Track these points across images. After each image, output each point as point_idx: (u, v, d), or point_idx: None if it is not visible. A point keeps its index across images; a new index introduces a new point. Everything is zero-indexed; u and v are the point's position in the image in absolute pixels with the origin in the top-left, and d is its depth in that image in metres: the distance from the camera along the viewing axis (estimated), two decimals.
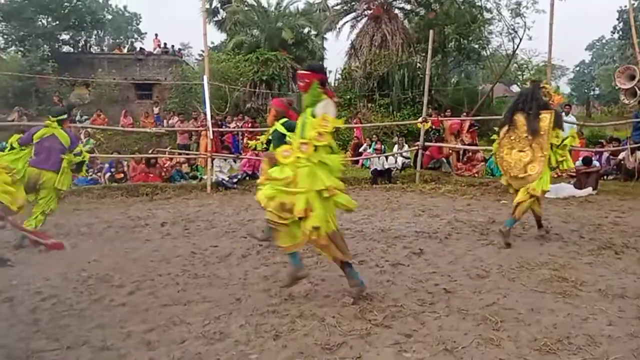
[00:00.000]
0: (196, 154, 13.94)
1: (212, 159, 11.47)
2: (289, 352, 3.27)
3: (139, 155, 13.05)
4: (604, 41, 58.91)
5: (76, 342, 3.44)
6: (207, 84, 11.44)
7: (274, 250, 5.82)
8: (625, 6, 17.56)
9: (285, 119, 5.77)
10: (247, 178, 11.97)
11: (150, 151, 13.78)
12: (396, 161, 13.24)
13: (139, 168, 12.29)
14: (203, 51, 14.13)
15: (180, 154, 13.95)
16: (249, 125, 16.40)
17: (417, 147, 12.47)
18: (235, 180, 11.52)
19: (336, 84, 24.02)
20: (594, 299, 4.07)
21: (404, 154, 13.69)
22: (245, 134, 15.64)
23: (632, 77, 11.72)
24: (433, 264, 5.22)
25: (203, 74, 11.98)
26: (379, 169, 12.25)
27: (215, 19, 30.22)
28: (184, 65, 27.07)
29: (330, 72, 30.54)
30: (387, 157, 12.85)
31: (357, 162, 14.91)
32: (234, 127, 15.88)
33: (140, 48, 30.06)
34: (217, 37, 34.02)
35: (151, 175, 12.07)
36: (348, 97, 21.93)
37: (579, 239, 6.14)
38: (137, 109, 23.27)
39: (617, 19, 43.54)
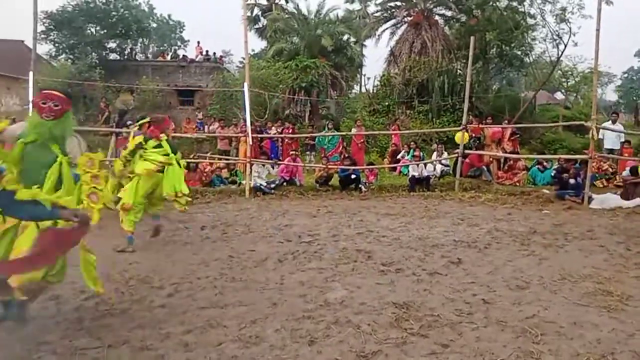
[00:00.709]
0: (235, 160, 14.15)
1: (251, 165, 11.62)
2: (324, 358, 3.28)
3: (181, 160, 13.32)
4: None
5: (117, 341, 3.54)
6: (247, 91, 11.61)
7: (311, 256, 5.85)
8: None
9: None
10: (285, 184, 12.07)
11: (191, 156, 14.07)
12: (435, 169, 13.07)
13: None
14: (244, 58, 14.38)
15: (220, 159, 14.19)
16: (290, 131, 16.54)
17: (456, 155, 12.28)
18: (272, 185, 11.63)
19: (375, 91, 23.97)
20: None
21: (443, 161, 13.50)
22: (285, 140, 15.79)
23: None
24: (472, 273, 5.13)
25: (243, 80, 12.16)
26: (417, 176, 12.12)
27: (256, 26, 30.73)
28: (225, 72, 27.60)
29: (369, 78, 30.55)
30: (425, 165, 12.71)
31: (394, 169, 14.80)
32: (274, 133, 16.06)
33: (183, 55, 30.81)
34: (257, 44, 34.57)
35: (192, 179, 12.32)
36: (387, 103, 21.84)
37: (625, 251, 5.92)
38: (179, 114, 23.83)
39: None
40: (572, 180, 10.16)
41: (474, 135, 13.20)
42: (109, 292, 4.33)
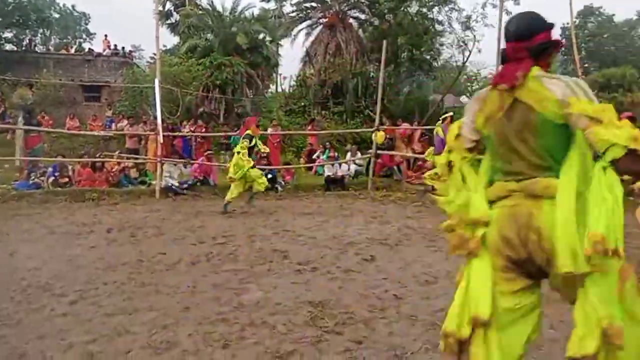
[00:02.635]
0: (145, 159, 13.60)
1: (162, 164, 11.22)
2: None
3: (85, 159, 12.62)
4: None
5: (12, 354, 3.26)
6: (158, 87, 11.20)
7: (225, 257, 5.74)
8: (568, 24, 18.48)
9: None
10: (198, 184, 11.78)
11: (97, 155, 13.33)
12: (349, 168, 13.37)
13: (84, 172, 11.88)
14: (155, 54, 13.84)
15: (128, 158, 13.56)
16: (203, 129, 16.15)
17: (369, 155, 12.62)
18: (185, 185, 11.31)
19: (291, 90, 24.06)
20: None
21: (357, 161, 13.83)
22: (198, 139, 15.40)
23: None
24: (384, 270, 5.27)
25: (154, 77, 11.73)
26: (332, 176, 12.33)
27: (168, 21, 29.70)
28: (135, 67, 26.40)
29: (285, 78, 30.60)
30: (340, 165, 12.95)
31: (310, 169, 14.94)
32: (187, 132, 15.60)
33: (89, 49, 29.18)
34: (169, 40, 33.45)
35: (97, 180, 11.69)
36: (302, 104, 22.00)
37: None
38: (85, 111, 22.51)
39: (560, 35, 45.73)
40: None
41: (387, 136, 13.64)
42: (3, 301, 3.99)
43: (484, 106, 2.14)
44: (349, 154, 14.44)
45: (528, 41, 2.04)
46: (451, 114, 10.05)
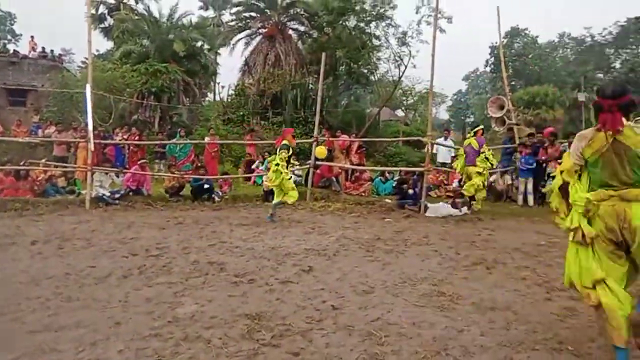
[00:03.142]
0: (74, 167, 12.99)
1: (92, 173, 10.75)
2: None
3: (7, 167, 11.89)
4: (478, 73, 64.79)
5: None
6: (89, 93, 10.75)
7: (159, 270, 5.56)
8: (497, 43, 19.50)
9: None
10: (131, 194, 11.37)
11: (21, 163, 12.59)
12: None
13: (7, 181, 11.18)
14: (87, 58, 13.30)
15: (56, 166, 12.90)
16: (137, 137, 15.65)
17: (308, 166, 12.68)
18: (117, 195, 10.88)
19: (229, 100, 23.83)
20: (468, 311, 4.36)
21: (296, 172, 13.85)
22: (131, 147, 14.90)
23: (502, 107, 12.94)
24: (321, 280, 5.29)
25: (86, 82, 11.25)
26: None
27: (102, 25, 28.73)
28: (65, 72, 25.28)
29: (223, 87, 30.24)
30: None
31: (249, 179, 14.80)
32: (120, 140, 15.05)
33: (14, 50, 27.62)
34: (103, 44, 32.37)
35: (21, 189, 11.04)
36: (241, 113, 21.86)
37: (455, 255, 6.57)
38: (9, 116, 21.25)
39: (489, 54, 48.17)
40: (410, 191, 11.06)
41: (327, 147, 13.78)
42: None
43: (592, 142, 3.22)
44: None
45: (619, 99, 3.15)
46: (482, 127, 10.47)
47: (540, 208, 11.15)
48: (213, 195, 11.63)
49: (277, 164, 8.84)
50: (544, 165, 11.71)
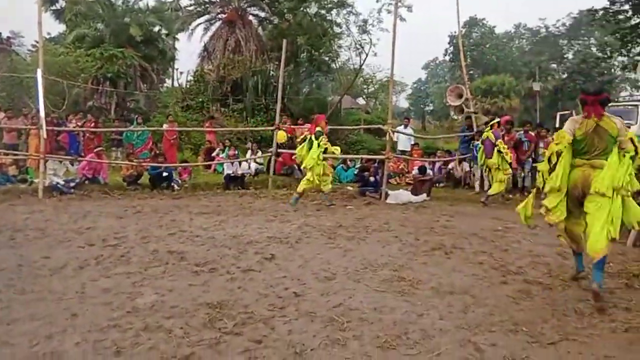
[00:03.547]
0: (26, 155, 12.50)
1: (45, 161, 10.38)
2: None
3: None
4: (437, 62, 65.72)
5: None
6: (41, 78, 10.33)
7: (117, 260, 5.44)
8: (456, 32, 19.80)
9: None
10: (87, 182, 11.04)
11: None
12: (249, 167, 13.25)
13: None
14: (37, 42, 12.76)
15: (6, 154, 12.38)
16: (92, 124, 15.16)
17: (270, 154, 12.61)
18: (72, 184, 10.54)
19: (188, 86, 23.36)
20: (428, 296, 4.46)
21: (258, 160, 13.76)
22: (87, 134, 14.44)
23: (460, 96, 13.19)
24: (284, 268, 5.29)
25: (37, 66, 10.80)
26: (232, 174, 12.14)
27: (53, 7, 27.60)
28: (14, 55, 24.19)
29: (182, 73, 29.62)
30: (240, 163, 12.79)
31: (209, 167, 14.61)
32: (74, 127, 14.54)
33: None
34: (55, 27, 31.14)
35: None
36: (200, 100, 21.45)
37: (415, 241, 6.69)
38: None
39: (449, 43, 48.93)
40: (371, 178, 11.16)
41: (288, 135, 13.75)
42: None
43: (581, 125, 4.49)
44: (249, 152, 14.32)
45: (599, 96, 4.49)
46: (498, 120, 10.49)
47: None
48: (172, 184, 11.42)
49: (319, 150, 9.21)
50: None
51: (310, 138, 9.47)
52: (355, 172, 12.62)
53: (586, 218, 4.47)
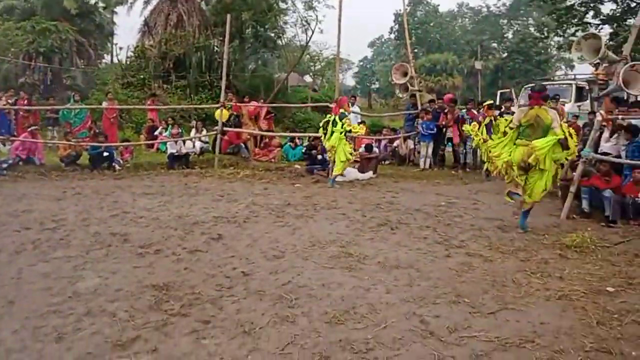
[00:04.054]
0: None
1: None
2: (75, 354, 2.98)
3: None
4: (383, 40, 66.11)
5: None
6: None
7: (56, 244, 5.22)
8: (400, 10, 19.95)
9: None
10: (20, 163, 10.49)
11: None
12: (194, 145, 12.95)
13: None
14: None
15: None
16: (25, 102, 14.33)
17: (215, 132, 12.38)
18: (5, 165, 9.97)
19: (128, 62, 22.46)
20: (374, 270, 4.55)
21: (203, 138, 13.47)
22: (21, 113, 13.66)
23: (405, 74, 13.33)
24: (231, 248, 5.25)
25: None
26: (176, 153, 11.85)
27: None
28: None
29: (121, 48, 28.39)
30: (184, 142, 12.49)
31: (152, 146, 14.20)
32: (5, 105, 13.70)
33: None
34: None
35: None
36: (142, 76, 20.69)
37: (362, 217, 6.79)
38: None
39: (394, 21, 49.31)
40: (319, 157, 11.18)
41: (234, 113, 13.49)
42: None
43: (526, 114, 5.94)
44: (193, 131, 13.99)
45: (541, 93, 6.06)
46: (490, 102, 10.53)
47: (440, 171, 11.77)
48: (113, 164, 11.03)
49: (343, 132, 9.45)
50: (444, 130, 12.30)
51: (334, 119, 9.67)
52: (303, 151, 12.60)
53: (528, 180, 6.04)
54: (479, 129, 9.66)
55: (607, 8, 19.56)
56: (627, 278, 4.44)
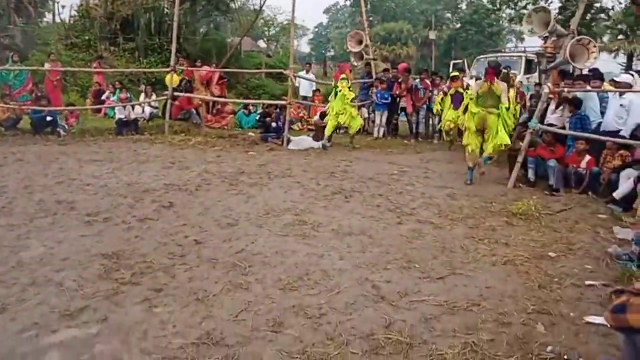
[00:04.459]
0: None
1: None
2: (19, 325, 2.90)
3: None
4: (338, 6, 65.45)
5: None
6: None
7: None
8: None
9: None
10: None
11: None
12: (143, 111, 12.54)
13: None
14: None
15: None
16: None
17: (165, 97, 12.01)
18: None
19: (72, 22, 21.30)
20: (328, 237, 4.60)
21: (152, 103, 13.05)
22: None
23: (360, 42, 13.24)
24: (183, 216, 5.17)
25: None
26: (124, 118, 11.43)
27: None
28: None
29: (63, 7, 26.85)
30: (133, 107, 12.06)
31: (99, 110, 13.65)
32: None
33: None
34: None
35: None
36: (87, 37, 19.68)
37: (316, 185, 6.81)
38: None
39: None
40: (273, 124, 11.07)
41: (185, 77, 13.10)
42: None
43: (481, 86, 7.18)
44: (142, 95, 13.53)
45: (495, 68, 7.39)
46: (456, 74, 10.58)
47: (393, 140, 11.90)
48: (58, 129, 10.55)
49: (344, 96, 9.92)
50: (398, 99, 12.39)
51: (335, 84, 10.16)
52: (257, 118, 12.43)
53: (485, 139, 7.32)
54: (442, 99, 10.09)
55: None
56: (567, 244, 4.67)
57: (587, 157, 7.01)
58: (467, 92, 8.40)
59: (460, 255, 4.27)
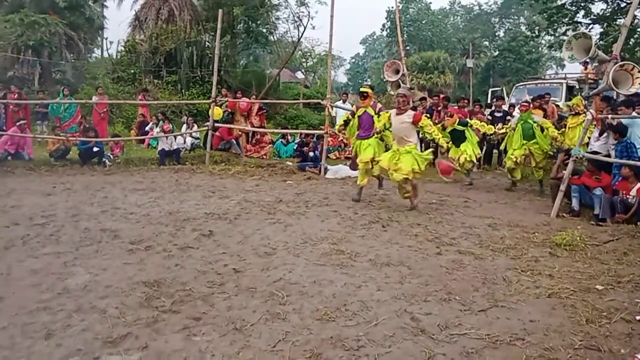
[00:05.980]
0: None
1: None
2: (64, 351, 2.96)
3: None
4: (375, 37, 66.18)
5: None
6: None
7: (46, 240, 5.18)
8: (393, 7, 19.95)
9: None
10: (9, 158, 10.38)
11: None
12: (185, 141, 12.90)
13: None
14: None
15: None
16: (15, 96, 14.15)
17: (206, 128, 12.32)
18: None
19: (119, 57, 22.28)
20: (366, 268, 4.56)
21: (194, 134, 13.41)
22: (11, 107, 13.48)
23: (397, 71, 13.30)
24: (223, 244, 5.23)
25: None
26: (167, 149, 11.78)
27: None
28: None
29: (111, 43, 28.08)
30: (175, 137, 12.43)
31: (142, 141, 14.10)
32: None
33: None
34: None
35: None
36: (132, 71, 20.53)
37: (353, 214, 6.79)
38: None
39: (386, 18, 49.27)
40: (311, 153, 11.18)
41: (228, 109, 13.45)
42: None
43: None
44: (184, 126, 13.93)
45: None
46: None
47: (431, 168, 11.78)
48: (104, 159, 10.95)
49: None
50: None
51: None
52: (295, 147, 12.58)
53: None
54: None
55: (597, 8, 19.64)
56: (616, 276, 4.48)
57: (638, 185, 6.76)
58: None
59: (503, 287, 4.15)
